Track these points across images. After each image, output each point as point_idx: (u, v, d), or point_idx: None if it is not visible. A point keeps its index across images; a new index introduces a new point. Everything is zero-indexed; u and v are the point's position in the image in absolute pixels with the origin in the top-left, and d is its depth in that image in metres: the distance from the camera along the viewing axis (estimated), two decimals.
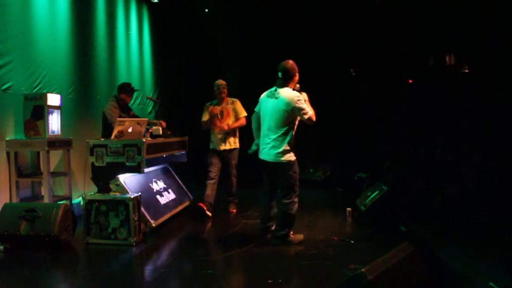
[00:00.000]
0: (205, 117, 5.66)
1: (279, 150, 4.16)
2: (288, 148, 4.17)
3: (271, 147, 4.20)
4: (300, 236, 4.40)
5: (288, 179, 4.20)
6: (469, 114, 7.37)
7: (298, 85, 4.30)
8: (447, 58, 8.82)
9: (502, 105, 6.62)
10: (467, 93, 7.76)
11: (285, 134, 4.16)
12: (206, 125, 5.69)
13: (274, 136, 4.18)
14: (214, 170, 5.56)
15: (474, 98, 7.40)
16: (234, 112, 5.69)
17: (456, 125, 7.58)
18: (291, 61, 4.28)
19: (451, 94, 8.10)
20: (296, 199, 4.26)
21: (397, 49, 8.85)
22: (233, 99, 5.80)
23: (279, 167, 4.19)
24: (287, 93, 4.17)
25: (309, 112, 4.14)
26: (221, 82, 5.71)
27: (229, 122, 5.62)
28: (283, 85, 4.23)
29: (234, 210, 5.82)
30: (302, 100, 4.16)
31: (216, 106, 5.67)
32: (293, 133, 4.24)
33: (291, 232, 4.36)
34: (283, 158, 4.16)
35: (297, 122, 4.24)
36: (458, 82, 8.32)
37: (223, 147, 5.63)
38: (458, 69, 8.61)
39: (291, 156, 4.19)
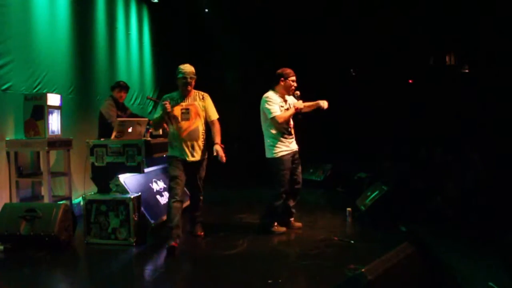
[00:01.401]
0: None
1: (266, 146, 4.59)
2: (272, 144, 4.53)
3: (265, 144, 4.62)
4: (282, 229, 4.71)
5: (274, 173, 4.52)
6: (469, 114, 7.38)
7: (298, 92, 4.63)
8: (447, 58, 8.83)
9: (502, 105, 6.62)
10: (467, 93, 7.76)
11: (267, 132, 4.55)
12: (156, 126, 4.44)
13: (264, 135, 4.62)
14: (180, 187, 4.20)
15: (474, 98, 7.41)
16: (205, 111, 4.34)
17: (456, 125, 7.58)
18: (282, 68, 4.62)
19: (451, 94, 8.10)
20: (281, 193, 4.56)
21: (397, 49, 8.86)
22: (202, 93, 4.39)
23: (268, 162, 4.59)
24: (264, 95, 4.58)
25: (275, 113, 4.43)
26: (189, 68, 4.28)
27: (198, 124, 4.26)
28: (270, 88, 4.63)
29: (202, 233, 4.59)
30: (271, 101, 4.48)
31: (167, 103, 4.19)
32: (276, 130, 4.51)
33: (275, 224, 4.68)
34: (268, 154, 4.59)
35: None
36: (458, 82, 8.32)
37: (191, 158, 4.26)
38: (458, 69, 8.62)
39: (275, 153, 4.52)
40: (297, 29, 9.20)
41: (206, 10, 9.39)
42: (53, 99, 5.03)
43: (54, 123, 5.08)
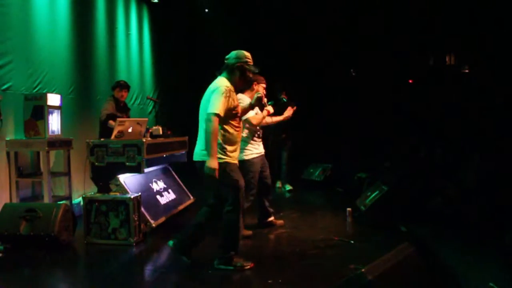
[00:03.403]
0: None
1: None
2: (242, 147, 4.37)
3: None
4: (280, 222, 4.98)
5: (244, 175, 4.36)
6: (469, 114, 7.38)
7: (265, 100, 4.57)
8: (447, 58, 8.83)
9: (502, 105, 6.62)
10: (467, 93, 7.77)
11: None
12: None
13: None
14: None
15: (474, 98, 7.41)
16: None
17: (456, 125, 7.58)
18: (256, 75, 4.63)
19: (451, 94, 8.11)
20: (247, 196, 4.38)
21: (397, 49, 8.86)
22: None
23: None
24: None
25: (249, 114, 4.32)
26: None
27: None
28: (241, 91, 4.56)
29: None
30: (244, 102, 4.28)
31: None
32: (247, 133, 4.48)
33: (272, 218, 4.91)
34: (240, 155, 4.42)
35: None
36: (458, 82, 8.33)
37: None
38: (458, 69, 8.62)
39: (246, 156, 4.49)
40: (297, 29, 9.20)
41: (206, 10, 9.39)
42: (53, 99, 5.03)
43: (54, 123, 5.08)
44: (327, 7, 8.91)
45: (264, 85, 4.62)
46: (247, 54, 3.61)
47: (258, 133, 4.67)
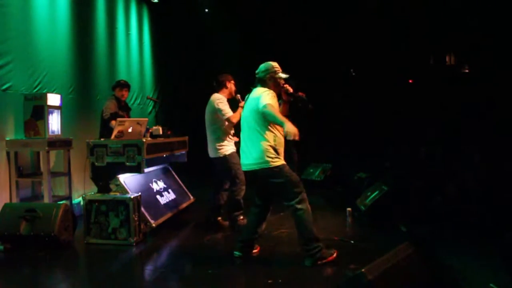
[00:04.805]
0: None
1: (213, 147, 4.77)
2: (220, 143, 4.73)
3: (209, 145, 4.83)
4: (225, 223, 4.95)
5: (228, 170, 4.73)
6: (469, 114, 7.38)
7: (238, 95, 4.86)
8: (447, 58, 8.83)
9: (502, 105, 6.63)
10: (467, 93, 7.77)
11: (216, 132, 4.74)
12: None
13: (209, 135, 4.80)
14: None
15: (474, 98, 7.42)
16: None
17: (456, 125, 7.59)
18: (224, 74, 4.91)
19: (451, 94, 8.11)
20: (241, 186, 4.71)
21: (397, 49, 8.86)
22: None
23: (216, 162, 4.81)
24: (212, 97, 4.79)
25: (229, 113, 4.62)
26: None
27: None
28: (214, 91, 4.85)
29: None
30: (222, 102, 4.68)
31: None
32: (223, 131, 4.74)
33: (241, 217, 4.79)
34: (214, 154, 4.77)
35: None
36: (458, 82, 8.33)
37: None
38: (458, 69, 8.62)
39: (225, 151, 4.74)
40: (297, 29, 9.20)
41: (206, 10, 9.39)
42: (53, 99, 5.03)
43: (54, 123, 5.08)
44: (328, 6, 8.91)
45: (233, 82, 4.91)
46: (274, 64, 3.89)
47: (232, 131, 4.89)
